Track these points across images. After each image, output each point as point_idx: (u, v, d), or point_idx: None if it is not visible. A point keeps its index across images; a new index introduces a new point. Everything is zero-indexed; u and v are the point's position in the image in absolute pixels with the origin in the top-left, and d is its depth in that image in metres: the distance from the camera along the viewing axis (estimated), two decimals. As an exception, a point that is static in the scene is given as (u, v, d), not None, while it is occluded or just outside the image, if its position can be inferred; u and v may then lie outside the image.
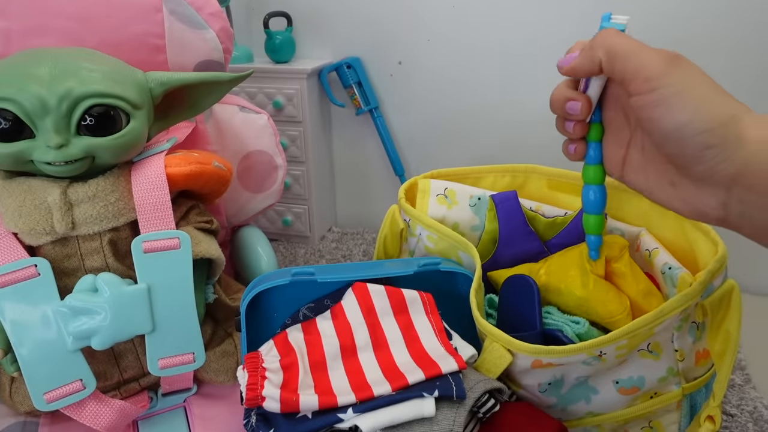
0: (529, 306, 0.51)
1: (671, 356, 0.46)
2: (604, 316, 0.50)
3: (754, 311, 0.66)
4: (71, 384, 0.46)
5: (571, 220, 0.58)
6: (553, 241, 0.59)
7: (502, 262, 0.59)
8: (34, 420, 0.52)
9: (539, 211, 0.61)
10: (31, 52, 0.48)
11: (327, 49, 1.02)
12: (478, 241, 0.61)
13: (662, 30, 0.85)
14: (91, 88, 0.45)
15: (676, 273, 0.47)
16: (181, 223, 0.53)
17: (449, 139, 1.01)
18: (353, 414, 0.42)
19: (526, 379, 0.47)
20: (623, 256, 0.51)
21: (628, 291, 0.51)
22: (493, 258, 0.60)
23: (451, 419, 0.42)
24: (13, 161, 0.45)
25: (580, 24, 0.88)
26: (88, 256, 0.49)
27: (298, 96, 0.95)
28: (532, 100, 0.93)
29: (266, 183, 0.76)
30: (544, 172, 0.63)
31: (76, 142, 0.45)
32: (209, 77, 0.53)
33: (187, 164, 0.51)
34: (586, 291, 0.50)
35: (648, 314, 0.43)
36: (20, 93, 0.43)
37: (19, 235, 0.48)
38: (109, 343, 0.46)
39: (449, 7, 0.93)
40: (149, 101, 0.50)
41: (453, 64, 0.96)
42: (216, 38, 0.62)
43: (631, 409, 0.48)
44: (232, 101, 0.74)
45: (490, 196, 0.60)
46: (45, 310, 0.45)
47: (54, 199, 0.46)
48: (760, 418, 0.59)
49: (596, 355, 0.44)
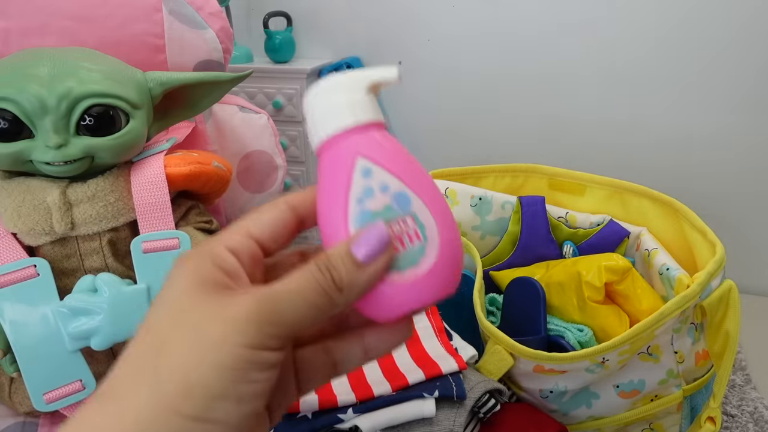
0: (534, 310, 0.50)
1: (671, 358, 0.46)
2: (602, 339, 0.49)
3: (754, 311, 0.66)
4: (71, 384, 0.46)
5: (593, 234, 0.57)
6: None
7: (517, 265, 0.59)
8: (34, 420, 0.52)
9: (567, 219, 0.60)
10: (31, 51, 0.48)
11: (327, 49, 1.02)
12: (480, 240, 0.61)
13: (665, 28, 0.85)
14: (90, 88, 0.45)
15: (673, 274, 0.47)
16: (180, 223, 0.53)
17: (449, 139, 1.01)
18: (353, 414, 0.42)
19: (527, 382, 0.47)
20: (625, 279, 0.49)
21: (630, 311, 0.50)
22: (509, 260, 0.59)
23: (452, 419, 0.42)
24: (12, 161, 0.45)
25: (580, 24, 0.87)
26: (88, 257, 0.49)
27: (298, 96, 0.95)
28: (532, 100, 0.93)
29: (266, 183, 0.76)
30: (545, 172, 0.62)
31: (75, 142, 0.45)
32: (209, 77, 0.53)
33: (186, 164, 0.51)
34: (584, 316, 0.50)
35: (649, 318, 0.43)
36: (19, 93, 0.43)
37: (19, 235, 0.48)
38: (108, 344, 0.46)
39: (449, 7, 0.93)
40: (149, 101, 0.50)
41: (453, 64, 0.96)
42: (215, 38, 0.62)
43: (632, 412, 0.48)
44: (232, 101, 0.74)
45: (518, 198, 0.60)
46: (44, 311, 0.45)
47: (53, 199, 0.46)
48: (760, 418, 0.59)
49: (599, 362, 0.44)
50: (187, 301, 0.21)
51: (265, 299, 0.20)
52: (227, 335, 0.20)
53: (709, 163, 0.88)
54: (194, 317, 0.20)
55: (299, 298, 0.21)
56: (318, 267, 0.21)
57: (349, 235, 0.22)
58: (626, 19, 0.85)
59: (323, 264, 0.22)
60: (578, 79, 0.90)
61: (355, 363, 0.25)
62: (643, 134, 0.90)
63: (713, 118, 0.86)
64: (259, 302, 0.20)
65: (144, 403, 0.19)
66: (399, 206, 0.22)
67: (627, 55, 0.87)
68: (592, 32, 0.87)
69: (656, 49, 0.85)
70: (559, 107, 0.92)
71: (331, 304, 0.21)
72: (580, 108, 0.91)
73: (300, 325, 0.21)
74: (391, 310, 0.23)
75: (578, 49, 0.88)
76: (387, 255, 0.22)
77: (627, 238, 0.56)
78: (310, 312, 0.21)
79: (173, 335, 0.20)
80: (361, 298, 0.22)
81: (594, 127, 0.92)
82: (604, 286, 0.49)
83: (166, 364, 0.20)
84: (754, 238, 0.88)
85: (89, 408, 0.20)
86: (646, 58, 0.86)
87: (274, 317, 0.20)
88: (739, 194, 0.88)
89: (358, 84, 0.24)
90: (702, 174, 0.89)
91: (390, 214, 0.22)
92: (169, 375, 0.19)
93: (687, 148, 0.89)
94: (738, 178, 0.87)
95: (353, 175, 0.22)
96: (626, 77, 0.88)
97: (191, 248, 0.49)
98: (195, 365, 0.19)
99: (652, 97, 0.88)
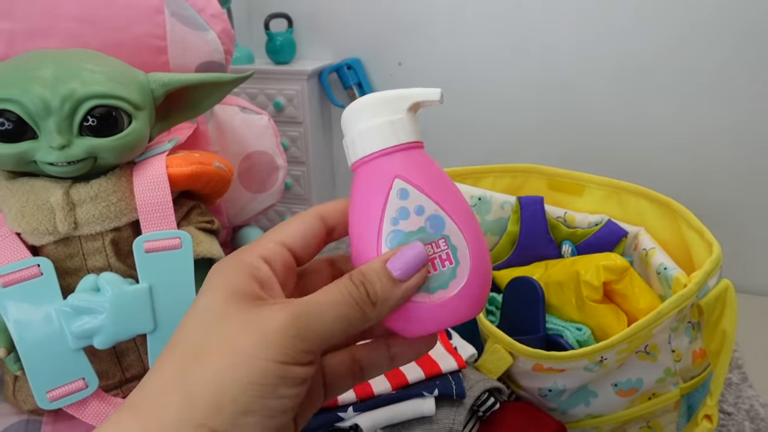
0: (533, 309, 0.51)
1: (668, 357, 0.46)
2: (601, 338, 0.50)
3: (750, 310, 0.67)
4: (74, 383, 0.46)
5: (592, 234, 0.58)
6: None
7: (516, 265, 0.59)
8: (37, 418, 0.52)
9: (565, 219, 0.60)
10: (34, 53, 0.48)
11: (327, 50, 1.03)
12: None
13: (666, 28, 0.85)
14: (93, 89, 0.45)
15: (670, 273, 0.47)
16: (182, 223, 0.54)
17: (449, 139, 1.01)
18: (353, 413, 0.42)
19: (526, 381, 0.48)
20: (623, 278, 0.50)
21: (628, 310, 0.50)
22: (509, 260, 0.60)
23: (451, 418, 0.42)
24: (16, 162, 0.46)
25: (581, 25, 0.88)
26: (91, 256, 0.49)
27: (299, 97, 0.95)
28: (533, 100, 0.93)
29: (267, 183, 0.76)
30: (544, 172, 0.63)
31: (78, 143, 0.46)
32: (210, 78, 0.53)
33: (188, 165, 0.51)
34: (582, 315, 0.50)
35: (647, 317, 0.43)
36: (23, 94, 0.43)
37: (23, 235, 0.48)
38: (110, 342, 0.46)
39: (449, 8, 0.94)
40: (151, 102, 0.51)
41: (452, 64, 0.97)
42: (217, 39, 0.62)
43: (630, 411, 0.48)
44: (233, 102, 0.74)
45: (517, 198, 0.60)
46: (48, 310, 0.45)
47: (57, 199, 0.46)
48: (756, 416, 0.59)
49: (597, 361, 0.44)
50: (218, 313, 0.21)
51: (297, 313, 0.20)
52: (258, 350, 0.19)
53: (707, 164, 0.89)
54: (225, 330, 0.20)
55: (332, 311, 0.21)
56: (352, 281, 0.22)
57: (380, 254, 0.23)
58: (627, 19, 0.86)
59: (358, 278, 0.22)
60: (578, 79, 0.90)
61: (380, 369, 0.26)
62: (642, 135, 0.91)
63: (712, 119, 0.86)
64: (291, 316, 0.20)
65: (172, 416, 0.19)
66: (433, 228, 0.23)
67: (627, 55, 0.87)
68: (593, 32, 0.87)
69: (656, 49, 0.86)
70: (560, 108, 0.92)
71: (363, 318, 0.22)
72: (581, 108, 0.92)
73: (331, 338, 0.21)
74: (418, 328, 0.23)
75: (579, 49, 0.89)
76: (422, 273, 0.22)
77: (625, 238, 0.56)
78: (342, 325, 0.21)
79: (204, 348, 0.20)
80: (391, 314, 0.23)
81: (594, 128, 0.92)
82: (603, 286, 0.49)
83: (196, 378, 0.19)
84: (751, 237, 0.89)
85: (118, 417, 0.20)
86: (647, 59, 0.86)
87: (306, 332, 0.20)
88: (735, 195, 0.88)
89: (400, 103, 0.24)
90: (700, 174, 0.89)
91: (423, 235, 0.23)
92: (199, 389, 0.19)
93: (686, 148, 0.89)
94: (734, 179, 0.88)
95: (390, 195, 0.23)
96: (627, 78, 0.88)
97: (193, 248, 0.49)
98: (225, 380, 0.19)
99: (652, 98, 0.88)
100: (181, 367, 0.20)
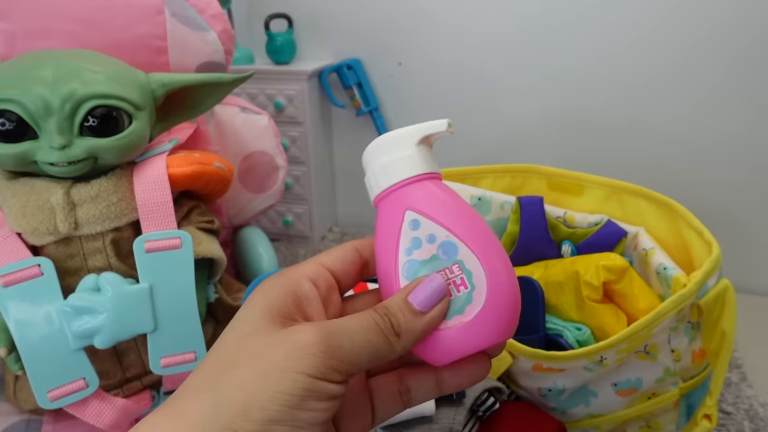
0: (533, 309, 0.51)
1: (668, 357, 0.46)
2: (600, 338, 0.50)
3: (750, 310, 0.67)
4: (74, 382, 0.46)
5: (591, 233, 0.58)
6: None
7: (516, 264, 0.59)
8: (38, 418, 0.53)
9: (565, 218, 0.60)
10: (35, 54, 0.48)
11: (327, 50, 1.03)
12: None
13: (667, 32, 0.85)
14: (93, 89, 0.45)
15: (670, 273, 0.47)
16: (182, 223, 0.54)
17: (449, 139, 1.01)
18: (353, 412, 0.42)
19: (526, 381, 0.48)
20: (623, 278, 0.49)
21: (628, 310, 0.50)
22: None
23: (451, 418, 0.42)
24: (17, 162, 0.46)
25: (581, 25, 0.88)
26: (91, 256, 0.49)
27: (299, 97, 0.95)
28: (533, 101, 0.94)
29: (267, 183, 0.76)
30: (544, 172, 0.63)
31: (79, 143, 0.46)
32: (210, 78, 0.54)
33: (188, 165, 0.51)
34: (582, 315, 0.50)
35: (647, 316, 0.43)
36: (24, 94, 0.43)
37: (23, 235, 0.48)
38: (111, 342, 0.46)
39: (449, 9, 0.94)
40: (151, 102, 0.51)
41: (453, 64, 0.97)
42: (217, 40, 0.62)
43: (630, 410, 0.49)
44: (234, 102, 0.74)
45: (516, 198, 0.60)
46: (48, 309, 0.45)
47: (57, 199, 0.47)
48: (755, 415, 0.59)
49: (597, 361, 0.44)
50: (253, 327, 0.22)
51: (327, 332, 0.21)
52: (288, 361, 0.20)
53: (707, 164, 0.89)
54: (258, 342, 0.21)
55: (359, 335, 0.22)
56: (377, 312, 0.23)
57: (399, 285, 0.24)
58: (627, 20, 0.86)
59: (382, 310, 0.23)
60: (579, 79, 0.90)
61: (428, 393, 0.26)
62: (643, 135, 0.91)
63: (712, 119, 0.86)
64: (320, 334, 0.21)
65: (203, 418, 0.20)
66: (445, 255, 0.23)
67: (628, 56, 0.87)
68: (593, 33, 0.87)
69: (657, 50, 0.86)
70: (561, 108, 0.92)
71: (389, 349, 0.22)
72: (581, 108, 0.92)
73: (360, 361, 0.22)
74: (441, 355, 0.24)
75: (579, 49, 0.89)
76: (444, 303, 0.23)
77: (625, 238, 0.56)
78: (369, 351, 0.22)
79: (237, 357, 0.21)
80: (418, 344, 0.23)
81: (594, 128, 0.93)
82: (602, 286, 0.49)
83: (228, 384, 0.20)
84: (750, 237, 0.89)
85: (153, 418, 0.21)
86: (648, 59, 0.86)
87: (335, 350, 0.21)
88: (734, 195, 0.88)
89: (410, 138, 0.25)
90: (700, 174, 0.89)
91: (436, 263, 0.23)
92: (230, 395, 0.20)
93: (686, 148, 0.89)
94: (734, 179, 0.88)
95: (402, 227, 0.24)
96: (627, 78, 0.89)
97: (193, 248, 0.49)
98: (254, 387, 0.20)
99: (652, 98, 0.88)
100: (215, 373, 0.21)
